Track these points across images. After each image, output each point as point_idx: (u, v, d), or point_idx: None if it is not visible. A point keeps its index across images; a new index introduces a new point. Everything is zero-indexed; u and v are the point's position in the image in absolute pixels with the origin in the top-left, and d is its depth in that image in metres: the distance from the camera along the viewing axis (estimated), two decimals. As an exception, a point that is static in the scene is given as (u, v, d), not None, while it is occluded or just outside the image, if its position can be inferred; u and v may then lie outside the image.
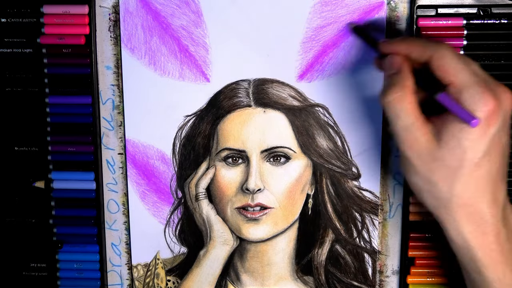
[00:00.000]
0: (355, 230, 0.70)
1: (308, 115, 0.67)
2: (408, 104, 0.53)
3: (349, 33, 0.66)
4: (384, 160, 0.68)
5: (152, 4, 0.66)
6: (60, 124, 0.68)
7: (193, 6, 0.66)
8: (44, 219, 0.70)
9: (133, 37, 0.67)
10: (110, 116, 0.69)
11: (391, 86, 0.54)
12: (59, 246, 0.70)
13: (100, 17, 0.67)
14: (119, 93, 0.68)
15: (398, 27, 0.66)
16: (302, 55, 0.66)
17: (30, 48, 0.67)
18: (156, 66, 0.67)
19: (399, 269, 0.70)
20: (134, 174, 0.69)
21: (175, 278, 0.71)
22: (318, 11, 0.65)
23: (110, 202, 0.70)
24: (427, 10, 0.65)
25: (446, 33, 0.65)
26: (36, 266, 0.71)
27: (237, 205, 0.68)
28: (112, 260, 0.71)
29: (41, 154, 0.69)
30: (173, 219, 0.70)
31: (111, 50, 0.67)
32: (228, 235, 0.69)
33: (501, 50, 0.65)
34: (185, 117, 0.68)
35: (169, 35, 0.66)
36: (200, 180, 0.69)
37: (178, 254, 0.71)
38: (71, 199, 0.70)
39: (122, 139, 0.69)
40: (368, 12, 0.65)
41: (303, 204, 0.69)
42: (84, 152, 0.69)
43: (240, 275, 0.71)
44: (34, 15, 0.66)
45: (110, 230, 0.71)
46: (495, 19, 0.65)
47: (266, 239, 0.69)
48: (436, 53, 0.54)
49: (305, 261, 0.70)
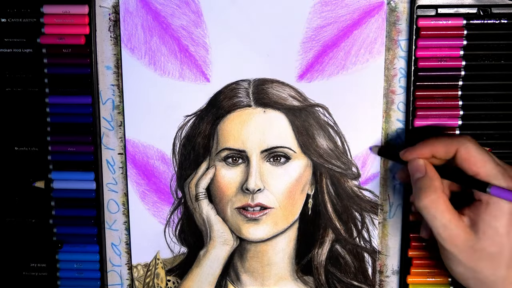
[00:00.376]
0: (355, 230, 0.70)
1: (308, 115, 0.67)
2: (442, 204, 0.56)
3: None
4: (384, 160, 0.68)
5: (152, 4, 0.66)
6: (60, 124, 0.68)
7: (193, 6, 0.66)
8: (44, 219, 0.70)
9: (133, 37, 0.67)
10: (110, 116, 0.69)
11: (422, 190, 0.57)
12: (59, 246, 0.70)
13: (100, 17, 0.67)
14: (119, 93, 0.68)
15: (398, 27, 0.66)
16: (302, 55, 0.66)
17: (30, 48, 0.67)
18: (156, 66, 0.67)
19: (399, 269, 0.70)
20: (134, 174, 0.69)
21: (175, 278, 0.71)
22: (318, 11, 0.65)
23: (110, 202, 0.70)
24: (427, 10, 0.65)
25: (446, 33, 0.65)
26: (36, 266, 0.71)
27: (237, 205, 0.68)
28: (112, 260, 0.71)
29: (41, 154, 0.69)
30: (173, 219, 0.70)
31: (111, 50, 0.67)
32: (228, 235, 0.69)
33: (501, 50, 0.65)
34: (185, 117, 0.68)
35: (169, 35, 0.66)
36: (200, 180, 0.69)
37: (178, 254, 0.71)
38: (71, 199, 0.70)
39: (122, 139, 0.69)
40: (368, 12, 0.65)
41: (303, 204, 0.69)
42: (84, 152, 0.69)
43: (240, 275, 0.71)
44: (34, 15, 0.67)
45: (110, 230, 0.71)
46: (495, 19, 0.65)
47: (266, 239, 0.69)
48: (462, 147, 0.57)
49: (305, 261, 0.70)
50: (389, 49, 0.66)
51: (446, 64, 0.66)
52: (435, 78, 0.66)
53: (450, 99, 0.66)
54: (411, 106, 0.67)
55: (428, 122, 0.66)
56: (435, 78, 0.66)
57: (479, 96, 0.66)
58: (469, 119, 0.66)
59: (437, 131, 0.66)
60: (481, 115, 0.67)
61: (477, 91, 0.66)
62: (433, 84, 0.66)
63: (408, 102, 0.67)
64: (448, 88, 0.66)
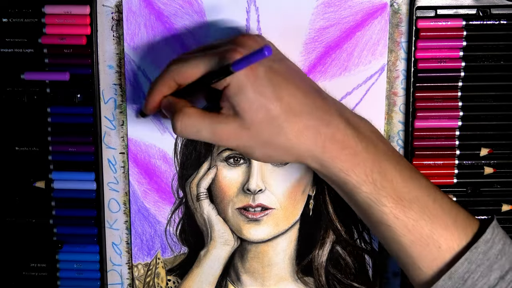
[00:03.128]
0: (356, 231, 0.70)
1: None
2: (194, 115, 0.55)
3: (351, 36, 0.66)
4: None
5: (155, 4, 0.66)
6: (60, 124, 0.68)
7: (196, 6, 0.66)
8: (44, 219, 0.70)
9: (136, 37, 0.67)
10: (112, 115, 0.68)
11: (172, 118, 0.56)
12: (59, 246, 0.70)
13: (103, 16, 0.67)
14: (121, 92, 0.68)
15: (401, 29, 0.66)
16: (304, 56, 0.67)
17: (32, 48, 0.67)
18: (159, 66, 0.67)
19: (399, 271, 0.70)
20: (135, 173, 0.69)
21: (175, 277, 0.71)
22: (321, 12, 0.66)
23: (111, 201, 0.70)
24: (426, 11, 0.66)
25: (445, 34, 0.66)
26: (36, 266, 0.70)
27: (238, 205, 0.68)
28: (112, 259, 0.71)
29: (41, 154, 0.69)
30: (174, 218, 0.70)
31: (113, 49, 0.67)
32: (229, 236, 0.69)
33: (501, 51, 0.66)
34: (187, 117, 0.68)
35: (172, 35, 0.67)
36: (202, 180, 0.68)
37: (179, 254, 0.71)
38: (72, 199, 0.69)
39: (124, 138, 0.69)
40: (371, 14, 0.66)
41: (304, 205, 0.69)
42: (85, 152, 0.69)
43: (241, 276, 0.71)
44: (36, 15, 0.67)
45: (111, 229, 0.70)
46: (495, 20, 0.65)
47: (267, 239, 0.69)
48: (173, 73, 0.57)
49: (305, 262, 0.70)
50: (392, 51, 0.67)
51: (445, 65, 0.66)
52: (435, 79, 0.67)
53: (450, 100, 0.67)
54: (411, 107, 0.67)
55: (428, 123, 0.67)
56: (435, 79, 0.67)
57: (479, 97, 0.67)
58: (469, 120, 0.67)
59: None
60: (481, 116, 0.67)
61: (477, 92, 0.67)
62: (433, 85, 0.67)
63: (408, 103, 0.67)
64: (448, 89, 0.67)
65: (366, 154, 0.56)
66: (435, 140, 0.67)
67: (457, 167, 0.68)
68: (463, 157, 0.67)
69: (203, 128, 0.55)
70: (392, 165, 0.56)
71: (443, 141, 0.67)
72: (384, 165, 0.56)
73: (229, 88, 0.53)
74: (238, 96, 0.53)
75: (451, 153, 0.67)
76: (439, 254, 0.56)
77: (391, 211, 0.55)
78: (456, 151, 0.67)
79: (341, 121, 0.56)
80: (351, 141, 0.55)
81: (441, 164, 0.67)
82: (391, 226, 0.56)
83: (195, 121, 0.55)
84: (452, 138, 0.67)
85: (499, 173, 0.68)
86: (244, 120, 0.54)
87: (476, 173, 0.68)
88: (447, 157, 0.67)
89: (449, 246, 0.56)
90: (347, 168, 0.55)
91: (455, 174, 0.68)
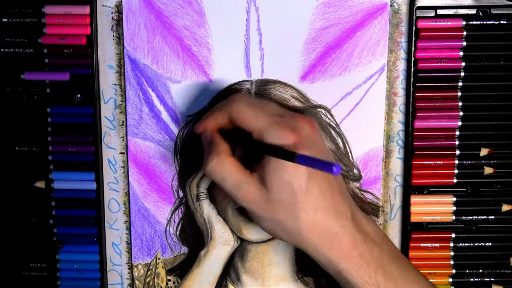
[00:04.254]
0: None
1: (310, 116, 0.67)
2: (228, 165, 0.56)
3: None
4: (386, 162, 0.68)
5: (155, 4, 0.66)
6: (60, 124, 0.68)
7: (196, 6, 0.66)
8: (44, 219, 0.70)
9: (136, 37, 0.67)
10: (112, 115, 0.68)
11: (207, 156, 0.56)
12: (59, 246, 0.70)
13: (103, 16, 0.67)
14: (121, 93, 0.68)
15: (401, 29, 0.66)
16: (304, 56, 0.67)
17: (31, 48, 0.67)
18: (159, 66, 0.67)
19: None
20: (135, 173, 0.69)
21: (175, 277, 0.71)
22: (321, 12, 0.66)
23: (111, 201, 0.70)
24: (426, 11, 0.66)
25: (445, 34, 0.66)
26: (36, 266, 0.70)
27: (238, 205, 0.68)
28: (112, 259, 0.71)
29: (41, 154, 0.69)
30: (174, 218, 0.70)
31: (113, 49, 0.67)
32: (229, 236, 0.69)
33: (501, 51, 0.66)
34: (187, 117, 0.68)
35: (172, 34, 0.67)
36: (202, 180, 0.68)
37: (179, 254, 0.71)
38: (72, 199, 0.69)
39: (124, 138, 0.69)
40: (371, 14, 0.66)
41: (304, 205, 0.69)
42: (85, 152, 0.69)
43: (241, 276, 0.71)
44: (36, 15, 0.67)
45: (111, 230, 0.70)
46: (495, 20, 0.65)
47: (267, 239, 0.69)
48: (232, 110, 0.57)
49: (305, 262, 0.70)
50: (392, 51, 0.67)
51: (445, 65, 0.66)
52: (434, 79, 0.67)
53: (450, 100, 0.67)
54: (411, 107, 0.67)
55: (428, 123, 0.67)
56: (434, 79, 0.67)
57: (479, 97, 0.67)
58: (469, 120, 0.67)
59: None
60: (481, 116, 0.67)
61: (476, 92, 0.67)
62: (433, 85, 0.67)
63: (408, 103, 0.67)
64: (448, 89, 0.67)
65: (371, 257, 0.57)
66: (435, 140, 0.67)
67: (457, 167, 0.68)
68: (463, 157, 0.67)
69: (230, 180, 0.56)
70: (396, 268, 0.58)
71: (443, 141, 0.67)
72: (388, 268, 0.57)
73: (267, 160, 0.55)
74: (277, 171, 0.54)
75: (451, 153, 0.67)
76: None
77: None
78: (456, 151, 0.67)
79: (353, 226, 0.57)
80: (358, 245, 0.57)
81: (441, 164, 0.67)
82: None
83: (226, 170, 0.56)
84: (452, 138, 0.67)
85: (499, 173, 0.68)
86: (271, 194, 0.55)
87: (476, 173, 0.68)
88: (447, 157, 0.67)
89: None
90: (351, 269, 0.56)
91: (455, 174, 0.68)
